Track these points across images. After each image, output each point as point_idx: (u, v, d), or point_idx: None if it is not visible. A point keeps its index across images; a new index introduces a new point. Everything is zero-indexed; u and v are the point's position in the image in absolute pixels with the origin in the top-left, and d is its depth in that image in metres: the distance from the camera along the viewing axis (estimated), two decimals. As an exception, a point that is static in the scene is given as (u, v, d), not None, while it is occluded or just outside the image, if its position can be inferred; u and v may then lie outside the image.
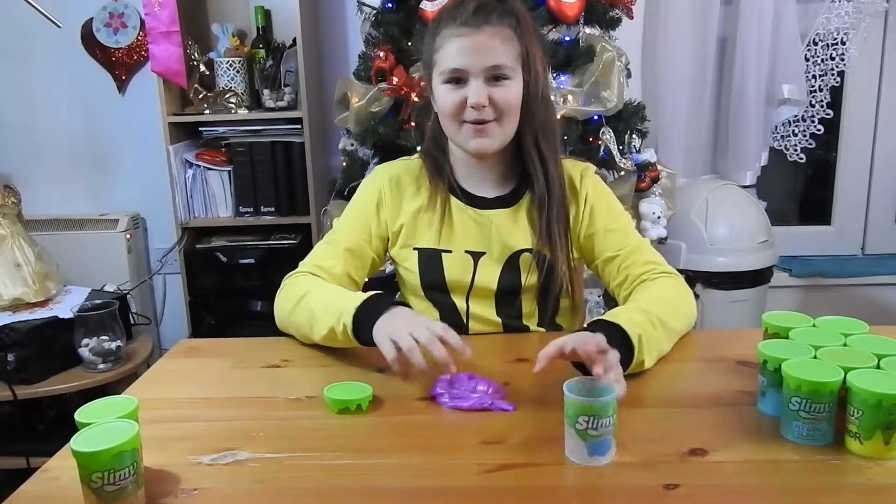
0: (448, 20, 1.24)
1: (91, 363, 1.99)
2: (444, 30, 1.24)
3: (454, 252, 1.33)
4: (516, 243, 1.32)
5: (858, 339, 1.01)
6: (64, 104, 2.78)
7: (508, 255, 1.32)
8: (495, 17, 1.22)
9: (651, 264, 1.30)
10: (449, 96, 1.24)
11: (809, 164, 2.84)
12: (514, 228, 1.32)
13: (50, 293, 2.17)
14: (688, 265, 2.45)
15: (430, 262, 1.33)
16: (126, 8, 2.68)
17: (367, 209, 1.37)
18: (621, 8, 2.11)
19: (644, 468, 0.87)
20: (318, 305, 1.21)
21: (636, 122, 2.13)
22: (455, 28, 1.22)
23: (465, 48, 1.21)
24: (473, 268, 1.32)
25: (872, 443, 0.86)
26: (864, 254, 2.94)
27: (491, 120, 1.24)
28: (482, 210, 1.33)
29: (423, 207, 1.34)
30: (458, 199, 1.34)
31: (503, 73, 1.22)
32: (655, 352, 1.13)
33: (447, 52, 1.23)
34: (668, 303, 1.22)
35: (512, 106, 1.24)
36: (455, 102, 1.24)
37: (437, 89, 1.27)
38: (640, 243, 1.33)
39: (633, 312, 1.14)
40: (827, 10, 2.60)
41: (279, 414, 1.03)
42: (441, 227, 1.32)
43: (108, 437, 0.78)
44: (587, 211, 1.33)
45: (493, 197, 1.34)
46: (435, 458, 0.91)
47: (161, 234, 2.81)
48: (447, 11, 1.26)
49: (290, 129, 2.52)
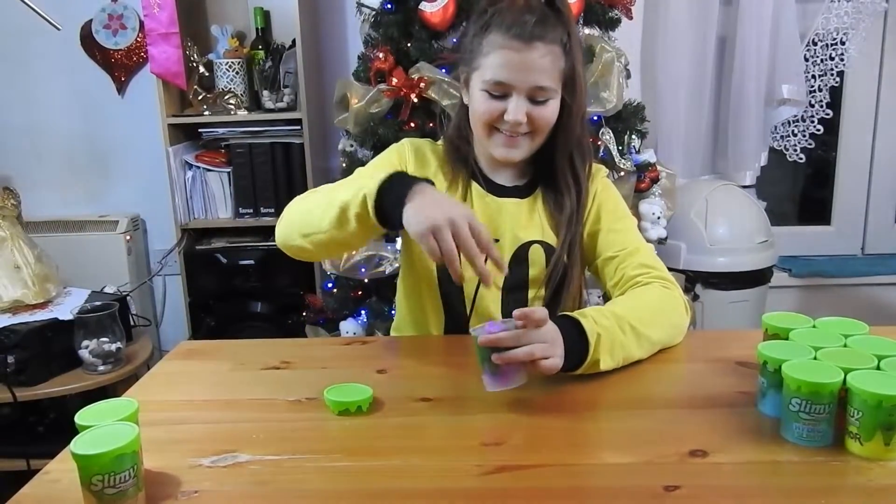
0: (500, 25, 1.20)
1: (91, 365, 1.99)
2: (493, 34, 1.20)
3: None
4: (528, 234, 1.32)
5: (858, 340, 1.01)
6: (63, 106, 2.78)
7: (519, 246, 1.31)
8: (549, 33, 1.19)
9: (646, 268, 1.27)
10: (486, 104, 1.23)
11: (809, 164, 2.84)
12: (528, 219, 1.32)
13: (50, 295, 2.17)
14: (688, 265, 2.45)
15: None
16: (125, 10, 2.68)
17: (390, 163, 1.33)
18: (620, 8, 2.12)
19: (644, 469, 0.86)
20: (331, 189, 1.17)
21: (636, 123, 2.14)
22: (506, 38, 1.18)
23: (513, 64, 1.19)
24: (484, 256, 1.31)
25: (873, 444, 0.86)
26: (864, 254, 2.94)
27: (524, 134, 1.24)
28: (498, 198, 1.33)
29: (444, 189, 1.32)
30: (479, 185, 1.34)
31: (545, 94, 1.21)
32: (620, 355, 1.11)
33: (494, 62, 1.20)
34: (648, 310, 1.19)
35: (548, 124, 1.24)
36: (492, 112, 1.22)
37: (475, 92, 1.25)
38: (639, 246, 1.32)
39: (603, 314, 1.12)
40: (826, 10, 2.60)
41: (279, 416, 1.03)
42: None
43: (108, 439, 0.78)
44: (594, 210, 1.34)
45: (511, 186, 1.34)
46: (435, 459, 0.91)
47: (161, 236, 2.81)
48: (500, 12, 1.21)
49: (289, 130, 2.52)
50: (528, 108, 1.21)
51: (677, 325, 1.24)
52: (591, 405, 1.05)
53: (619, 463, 0.88)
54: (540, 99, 1.21)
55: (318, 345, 1.30)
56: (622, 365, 1.12)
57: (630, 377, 1.14)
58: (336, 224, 1.12)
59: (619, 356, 1.11)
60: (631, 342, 1.13)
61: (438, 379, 1.14)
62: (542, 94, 1.21)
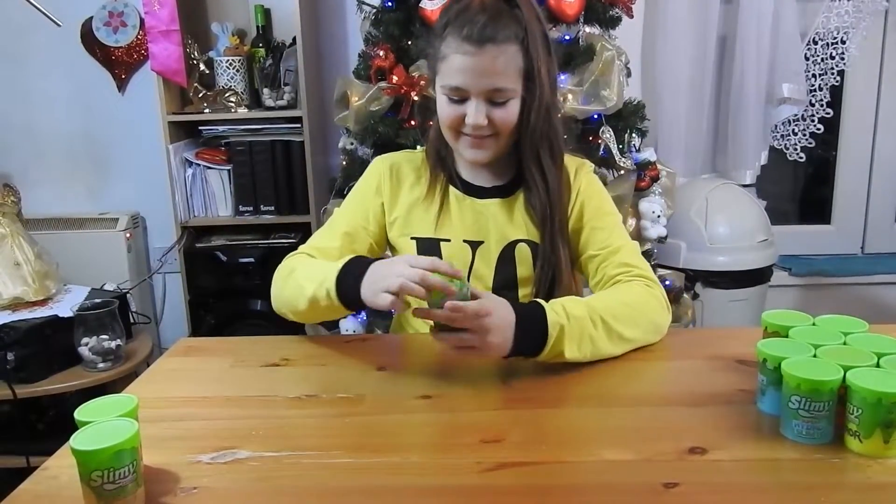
0: (455, 28, 1.19)
1: (91, 362, 1.99)
2: (449, 37, 1.20)
3: (453, 241, 1.33)
4: (513, 233, 1.32)
5: (858, 337, 1.01)
6: (63, 103, 2.78)
7: (505, 245, 1.32)
8: (502, 33, 1.17)
9: (627, 266, 1.27)
10: (448, 109, 1.24)
11: (809, 163, 2.84)
12: (511, 218, 1.33)
13: (50, 292, 2.17)
14: (688, 264, 2.45)
15: (429, 252, 1.32)
16: (126, 7, 2.67)
17: (366, 195, 1.37)
18: (621, 7, 2.11)
19: (643, 466, 0.87)
20: (303, 276, 1.23)
21: (636, 121, 2.13)
22: (460, 42, 1.18)
23: (467, 67, 1.18)
24: (472, 257, 1.32)
25: (872, 441, 0.86)
26: (864, 253, 2.94)
27: (488, 135, 1.24)
28: (480, 199, 1.34)
29: (422, 197, 1.34)
30: (456, 188, 1.35)
31: (503, 95, 1.21)
32: (588, 349, 1.12)
33: (449, 67, 1.20)
34: (623, 307, 1.19)
35: (509, 124, 1.23)
36: (453, 116, 1.23)
37: (439, 96, 1.26)
38: (622, 244, 1.31)
39: (578, 304, 1.14)
40: (827, 9, 2.60)
41: (279, 412, 1.03)
42: (439, 215, 1.33)
43: (107, 435, 0.78)
44: (577, 206, 1.33)
45: (491, 186, 1.34)
46: (434, 456, 0.91)
47: (161, 233, 2.81)
48: (455, 14, 1.20)
49: (289, 127, 2.52)
50: (488, 111, 1.21)
51: (655, 323, 1.23)
52: (591, 402, 1.05)
53: (619, 460, 0.88)
54: (499, 100, 1.21)
55: (318, 342, 1.30)
56: (592, 359, 1.13)
57: (629, 374, 1.14)
58: (312, 310, 1.22)
59: (586, 349, 1.12)
60: (601, 336, 1.13)
61: (438, 376, 1.14)
62: (500, 96, 1.21)
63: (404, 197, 1.36)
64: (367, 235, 1.36)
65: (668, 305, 1.26)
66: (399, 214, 1.36)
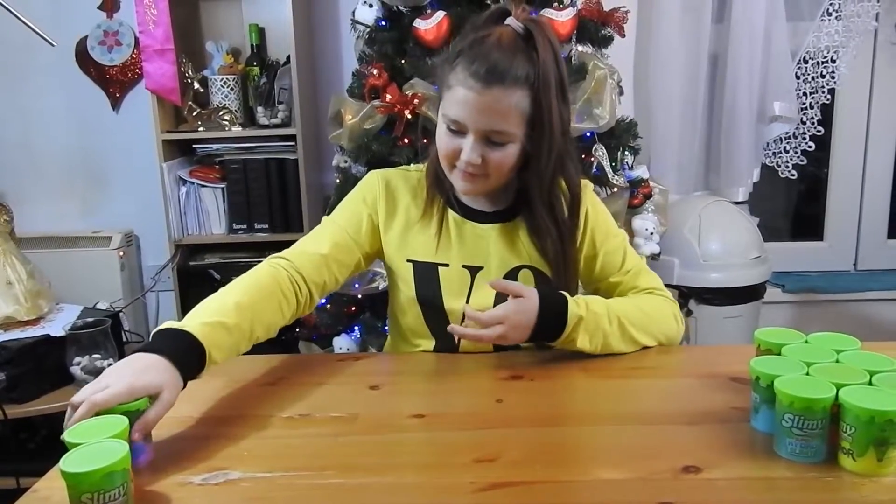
0: (466, 59, 1.15)
1: (83, 382, 1.97)
2: (459, 68, 1.16)
3: (451, 266, 1.29)
4: (514, 260, 1.30)
5: (850, 355, 1.01)
6: (58, 122, 2.78)
7: (506, 272, 1.30)
8: (511, 74, 1.13)
9: (648, 290, 1.35)
10: (446, 139, 1.21)
11: (801, 180, 2.85)
12: (512, 244, 1.30)
13: (42, 311, 2.16)
14: (681, 281, 2.45)
15: (426, 276, 1.30)
16: (121, 26, 2.68)
17: (359, 207, 1.33)
18: (613, 26, 2.13)
19: (638, 485, 0.86)
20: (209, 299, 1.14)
21: (628, 139, 2.14)
22: (467, 76, 1.14)
23: (469, 104, 1.15)
24: (470, 283, 1.30)
25: (865, 459, 0.86)
26: (857, 269, 2.96)
27: (481, 174, 1.21)
28: (481, 224, 1.31)
29: (418, 218, 1.31)
30: (455, 212, 1.32)
31: (502, 137, 1.17)
32: (599, 341, 1.22)
33: (453, 98, 1.17)
34: (640, 313, 1.28)
35: (504, 167, 1.20)
36: (450, 148, 1.20)
37: (439, 123, 1.23)
38: (639, 266, 1.37)
39: (598, 303, 1.24)
40: (817, 28, 2.63)
41: (272, 432, 1.03)
42: (438, 239, 1.30)
43: (97, 457, 0.78)
44: (588, 234, 1.32)
45: (491, 212, 1.32)
46: (429, 476, 0.91)
47: (154, 252, 2.80)
48: (469, 45, 1.17)
49: (283, 145, 2.53)
50: (484, 150, 1.18)
51: (667, 334, 1.32)
52: (585, 420, 1.05)
53: (613, 479, 0.88)
54: (497, 141, 1.18)
55: (312, 361, 1.30)
56: (602, 352, 1.23)
57: (623, 392, 1.14)
58: None
59: (598, 342, 1.22)
60: (614, 332, 1.23)
61: (431, 395, 1.14)
62: (498, 137, 1.17)
63: (400, 216, 1.32)
64: (356, 248, 1.31)
65: (681, 320, 1.34)
66: (395, 234, 1.32)
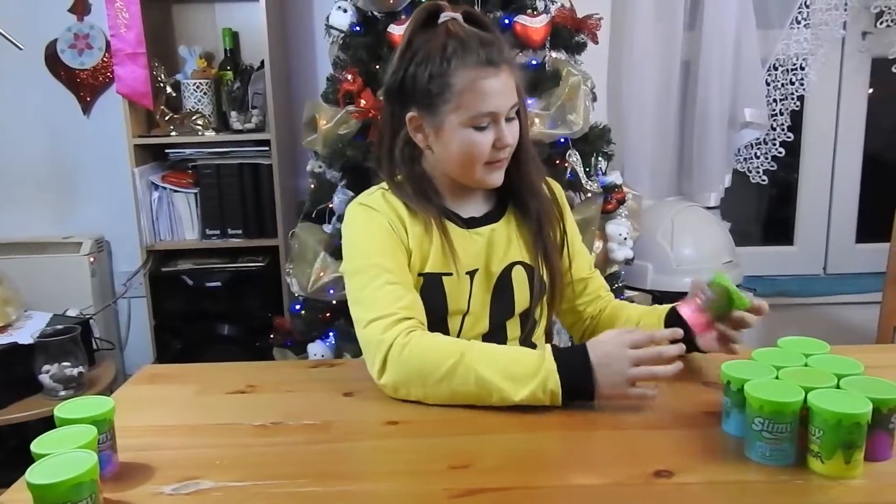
0: (463, 58, 1.16)
1: (52, 390, 1.94)
2: (461, 70, 1.16)
3: (454, 274, 1.27)
4: (511, 256, 1.31)
5: (819, 359, 1.03)
6: (27, 126, 2.74)
7: (503, 269, 1.30)
8: (505, 52, 1.20)
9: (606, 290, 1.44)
10: (477, 140, 1.19)
11: (772, 186, 2.89)
12: (508, 242, 1.31)
13: (10, 318, 2.13)
14: (654, 286, 2.47)
15: (432, 286, 1.26)
16: (91, 29, 2.65)
17: (390, 240, 1.24)
18: (586, 33, 2.14)
19: (611, 490, 0.87)
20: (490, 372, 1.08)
21: (602, 145, 2.16)
22: (476, 67, 1.16)
23: (495, 90, 1.17)
24: (470, 287, 1.28)
25: (833, 462, 0.87)
26: (826, 273, 3.00)
27: (505, 158, 1.24)
28: (478, 228, 1.31)
29: (423, 233, 1.26)
30: (452, 222, 1.29)
31: (515, 110, 1.22)
32: None
33: (474, 95, 1.16)
34: None
35: (516, 142, 1.24)
36: (486, 145, 1.19)
37: (455, 133, 1.19)
38: (592, 266, 1.45)
39: None
40: (786, 36, 2.67)
41: (244, 440, 1.02)
42: (443, 250, 1.25)
43: (65, 467, 0.76)
44: (562, 228, 1.36)
45: (482, 216, 1.32)
46: (403, 483, 0.91)
47: (126, 258, 2.77)
48: (454, 49, 1.17)
49: (257, 151, 2.51)
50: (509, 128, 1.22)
51: None
52: (558, 427, 1.05)
53: (587, 484, 0.88)
54: (511, 117, 1.22)
55: (285, 368, 1.29)
56: None
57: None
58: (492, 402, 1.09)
59: None
60: None
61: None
62: (513, 111, 1.22)
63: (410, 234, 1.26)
64: (411, 273, 1.25)
65: None
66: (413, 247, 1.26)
